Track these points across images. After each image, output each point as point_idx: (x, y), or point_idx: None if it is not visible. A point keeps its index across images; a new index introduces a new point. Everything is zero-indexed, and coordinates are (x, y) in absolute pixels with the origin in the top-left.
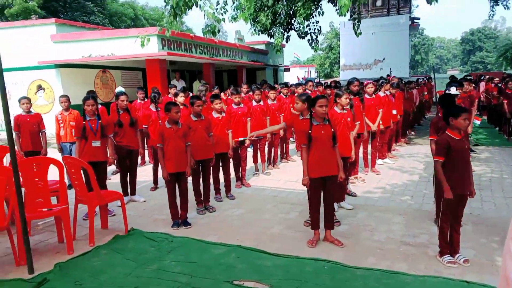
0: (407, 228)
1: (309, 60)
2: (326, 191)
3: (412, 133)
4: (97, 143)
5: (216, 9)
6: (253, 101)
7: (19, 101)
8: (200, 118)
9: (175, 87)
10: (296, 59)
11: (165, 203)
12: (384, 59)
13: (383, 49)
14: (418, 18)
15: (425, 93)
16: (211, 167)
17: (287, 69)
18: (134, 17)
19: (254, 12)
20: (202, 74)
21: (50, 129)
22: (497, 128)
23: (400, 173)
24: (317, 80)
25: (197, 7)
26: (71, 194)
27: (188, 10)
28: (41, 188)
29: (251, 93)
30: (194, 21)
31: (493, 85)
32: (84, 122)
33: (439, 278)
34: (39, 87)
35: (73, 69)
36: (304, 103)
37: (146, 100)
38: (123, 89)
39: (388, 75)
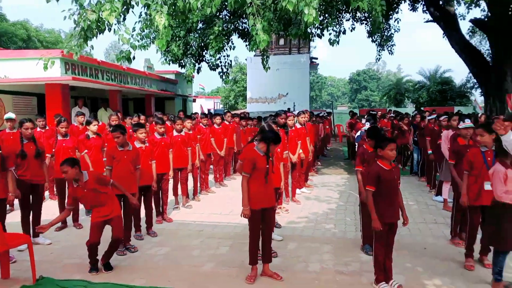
0: (337, 257)
1: (214, 92)
2: (265, 223)
3: (319, 163)
4: None
5: (132, 35)
6: (174, 131)
7: None
8: (127, 148)
9: (84, 114)
10: (202, 89)
11: (76, 244)
12: (287, 93)
13: (286, 85)
14: (316, 58)
15: (327, 126)
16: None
17: (193, 100)
18: (27, 38)
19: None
20: (107, 102)
21: None
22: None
23: (318, 202)
24: (225, 111)
25: (109, 31)
26: None
27: (100, 34)
28: None
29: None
30: (98, 46)
31: (386, 120)
32: None
33: None
34: None
35: None
36: None
37: (47, 128)
38: (13, 115)
39: (288, 109)
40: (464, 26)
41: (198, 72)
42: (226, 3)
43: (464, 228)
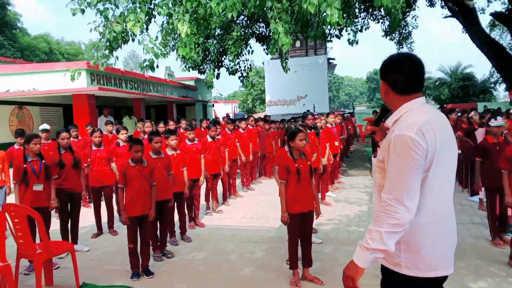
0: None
1: (231, 96)
2: (304, 227)
3: (344, 164)
4: (39, 187)
5: (155, 44)
6: (208, 136)
7: None
8: (160, 156)
9: (112, 123)
10: (219, 94)
11: (114, 250)
12: (306, 95)
13: (305, 87)
14: (333, 59)
15: (349, 127)
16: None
17: (212, 105)
18: (49, 51)
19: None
20: (131, 110)
21: None
22: None
23: (349, 205)
24: (246, 116)
25: (133, 41)
26: None
27: (124, 44)
28: None
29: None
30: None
31: None
32: (25, 165)
33: None
34: None
35: None
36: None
37: (79, 138)
38: (47, 126)
39: (308, 110)
40: (484, 20)
41: (217, 78)
42: (244, 8)
43: (504, 227)
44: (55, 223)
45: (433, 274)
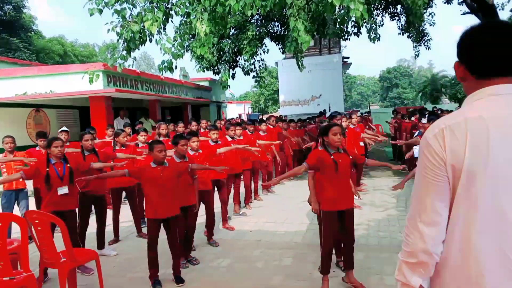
0: None
1: (242, 97)
2: (345, 227)
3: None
4: (64, 190)
5: (173, 45)
6: (228, 137)
7: None
8: (184, 160)
9: (131, 125)
10: (231, 95)
11: (137, 256)
12: (320, 95)
13: (319, 86)
14: (348, 57)
15: (367, 127)
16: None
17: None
18: (63, 53)
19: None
20: (146, 112)
21: None
22: None
23: (375, 208)
24: (261, 117)
25: (150, 42)
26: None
27: (142, 45)
28: None
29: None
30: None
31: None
32: (47, 169)
33: None
34: None
35: (2, 109)
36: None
37: (97, 140)
38: (66, 128)
39: (325, 110)
40: (504, 17)
41: (233, 78)
42: (263, 6)
43: None
44: (92, 227)
45: None
